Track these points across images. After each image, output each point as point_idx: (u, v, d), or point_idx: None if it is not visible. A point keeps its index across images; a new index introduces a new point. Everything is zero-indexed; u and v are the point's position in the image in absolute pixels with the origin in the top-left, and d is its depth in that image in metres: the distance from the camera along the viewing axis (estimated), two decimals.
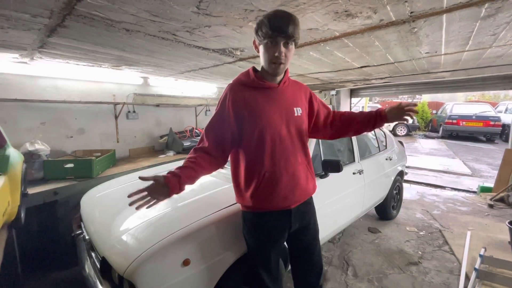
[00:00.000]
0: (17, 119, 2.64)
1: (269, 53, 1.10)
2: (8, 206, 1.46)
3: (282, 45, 1.07)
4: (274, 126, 1.17)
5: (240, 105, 1.17)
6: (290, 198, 1.22)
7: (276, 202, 1.20)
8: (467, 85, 4.52)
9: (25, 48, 1.92)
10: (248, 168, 1.21)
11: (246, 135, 1.18)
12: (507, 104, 11.08)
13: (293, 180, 1.22)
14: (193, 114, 4.74)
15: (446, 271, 2.28)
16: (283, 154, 1.19)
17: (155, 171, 2.46)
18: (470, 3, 1.29)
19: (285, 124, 1.20)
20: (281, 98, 1.22)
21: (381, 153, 3.02)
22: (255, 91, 1.19)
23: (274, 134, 1.17)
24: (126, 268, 1.14)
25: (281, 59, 1.09)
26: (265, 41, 1.08)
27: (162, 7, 1.27)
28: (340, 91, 5.63)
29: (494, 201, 3.76)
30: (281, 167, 1.19)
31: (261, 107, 1.17)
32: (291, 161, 1.21)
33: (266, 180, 1.18)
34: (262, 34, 1.08)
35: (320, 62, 2.65)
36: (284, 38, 1.06)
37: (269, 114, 1.17)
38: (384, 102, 15.05)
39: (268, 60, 1.11)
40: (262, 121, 1.16)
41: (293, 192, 1.22)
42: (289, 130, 1.21)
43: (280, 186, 1.19)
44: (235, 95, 1.19)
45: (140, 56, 2.27)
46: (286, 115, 1.20)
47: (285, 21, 1.04)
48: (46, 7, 1.23)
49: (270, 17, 1.06)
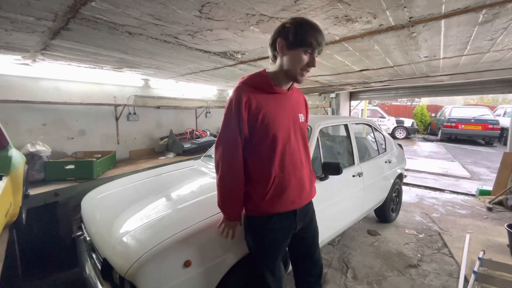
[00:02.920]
0: (19, 120, 2.65)
1: (302, 61, 1.10)
2: (10, 207, 1.47)
3: (315, 57, 1.11)
4: (285, 132, 1.20)
5: (254, 108, 1.14)
6: (297, 202, 1.26)
7: (284, 205, 1.22)
8: (466, 89, 4.56)
9: (27, 50, 1.94)
10: (257, 173, 1.19)
11: (256, 140, 1.16)
12: (505, 107, 11.15)
13: (300, 184, 1.25)
14: (193, 116, 4.76)
15: (445, 274, 2.29)
16: (291, 159, 1.22)
17: (156, 171, 2.46)
18: (468, 9, 1.31)
19: (293, 130, 1.23)
20: (289, 103, 1.25)
21: (381, 156, 3.03)
22: (267, 95, 1.18)
23: (284, 139, 1.19)
24: (128, 269, 1.15)
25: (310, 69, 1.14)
26: (301, 49, 1.09)
27: (165, 11, 1.29)
28: (339, 94, 5.66)
29: (493, 204, 3.78)
30: (290, 172, 1.21)
31: (274, 112, 1.18)
32: (297, 165, 1.24)
33: (276, 185, 1.18)
34: (296, 41, 1.08)
35: (320, 65, 2.67)
36: (318, 51, 1.11)
37: (281, 120, 1.19)
38: (383, 105, 15.10)
39: (299, 68, 1.12)
40: (275, 126, 1.16)
41: (299, 196, 1.26)
42: (296, 135, 1.25)
43: (289, 191, 1.21)
44: (248, 97, 1.14)
45: (141, 59, 2.29)
46: (294, 120, 1.24)
47: (321, 33, 1.09)
48: (51, 10, 1.24)
49: (307, 28, 1.08)
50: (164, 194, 1.88)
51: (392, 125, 12.14)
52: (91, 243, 1.54)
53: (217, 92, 5.04)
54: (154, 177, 2.28)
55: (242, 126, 1.14)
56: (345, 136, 2.69)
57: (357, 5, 1.26)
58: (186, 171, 2.44)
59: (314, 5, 1.25)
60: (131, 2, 1.19)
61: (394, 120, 12.28)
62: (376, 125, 3.30)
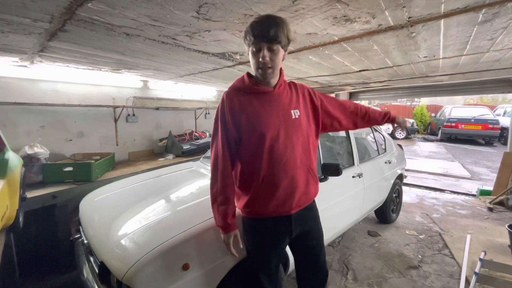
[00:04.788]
0: (17, 122, 2.64)
1: (255, 59, 1.11)
2: (6, 210, 1.46)
3: (266, 50, 1.08)
4: (272, 131, 1.16)
5: (237, 110, 1.18)
6: (289, 203, 1.21)
7: (275, 206, 1.19)
8: (465, 89, 4.55)
9: (25, 52, 1.93)
10: (246, 173, 1.21)
11: (243, 140, 1.19)
12: (505, 107, 11.15)
13: (292, 184, 1.20)
14: (192, 117, 4.74)
15: (446, 275, 2.27)
16: (281, 158, 1.17)
17: (155, 173, 2.45)
18: (467, 8, 1.30)
19: (283, 128, 1.18)
20: (278, 101, 1.20)
21: (381, 157, 3.02)
22: (250, 96, 1.19)
23: (272, 138, 1.16)
24: (125, 273, 1.13)
25: (267, 63, 1.09)
26: (251, 48, 1.10)
27: (162, 12, 1.28)
28: (339, 94, 5.66)
29: (494, 204, 3.76)
30: (280, 171, 1.17)
31: (258, 112, 1.17)
32: (290, 165, 1.19)
33: (265, 185, 1.17)
34: (247, 42, 1.11)
35: (319, 66, 2.67)
36: (267, 43, 1.06)
37: (266, 119, 1.17)
38: (383, 105, 15.10)
39: (255, 66, 1.13)
40: (260, 126, 1.16)
41: (292, 196, 1.20)
42: (287, 133, 1.19)
43: (280, 190, 1.18)
44: (231, 100, 1.19)
45: (140, 60, 2.28)
46: (284, 118, 1.19)
47: (267, 25, 1.05)
48: (47, 12, 1.23)
49: (253, 24, 1.08)
50: (163, 196, 1.87)
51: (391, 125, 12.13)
52: (89, 246, 1.53)
53: (216, 93, 5.03)
54: (153, 179, 2.27)
55: (228, 129, 1.19)
56: (345, 137, 2.68)
57: (356, 5, 1.25)
58: (185, 172, 2.43)
59: (312, 5, 1.24)
60: (127, 3, 1.18)
61: None
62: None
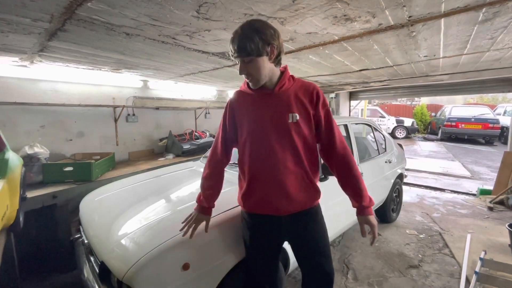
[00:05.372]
0: (17, 122, 2.63)
1: (239, 72, 1.15)
2: (6, 210, 1.45)
3: (241, 63, 1.11)
4: (260, 132, 1.17)
5: (235, 109, 1.26)
6: (278, 206, 1.20)
7: (262, 206, 1.24)
8: (466, 88, 4.55)
9: (25, 51, 1.93)
10: (240, 169, 1.30)
11: (239, 139, 1.27)
12: (505, 106, 11.14)
13: (280, 188, 1.17)
14: (192, 117, 4.74)
15: (447, 275, 2.27)
16: (269, 160, 1.16)
17: (155, 172, 2.45)
18: (468, 7, 1.30)
19: (274, 131, 1.15)
20: (275, 103, 1.17)
21: (381, 156, 3.02)
22: (249, 97, 1.23)
23: (260, 140, 1.18)
24: (125, 272, 1.13)
25: (247, 76, 1.14)
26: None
27: (162, 12, 1.28)
28: (339, 94, 5.65)
29: (494, 203, 3.76)
30: (267, 174, 1.18)
31: (251, 113, 1.21)
32: (279, 168, 1.15)
33: (252, 184, 1.23)
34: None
35: (320, 65, 2.66)
36: (241, 57, 1.09)
37: (253, 121, 1.19)
38: (383, 105, 15.09)
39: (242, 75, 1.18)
40: (250, 126, 1.20)
41: (280, 200, 1.18)
42: (279, 136, 1.15)
43: (265, 192, 1.20)
44: (232, 100, 1.29)
45: (140, 60, 2.28)
46: (278, 121, 1.15)
47: (237, 41, 1.07)
48: (47, 11, 1.23)
49: (230, 40, 1.11)
50: (163, 195, 1.87)
51: (392, 124, 12.14)
52: (89, 246, 1.53)
53: (217, 92, 5.03)
54: (153, 179, 2.27)
55: (227, 127, 1.29)
56: (345, 136, 2.67)
57: (356, 4, 1.25)
58: (185, 172, 2.43)
59: (313, 4, 1.24)
60: (127, 3, 1.18)
61: (394, 119, 12.28)
62: (376, 125, 3.29)
